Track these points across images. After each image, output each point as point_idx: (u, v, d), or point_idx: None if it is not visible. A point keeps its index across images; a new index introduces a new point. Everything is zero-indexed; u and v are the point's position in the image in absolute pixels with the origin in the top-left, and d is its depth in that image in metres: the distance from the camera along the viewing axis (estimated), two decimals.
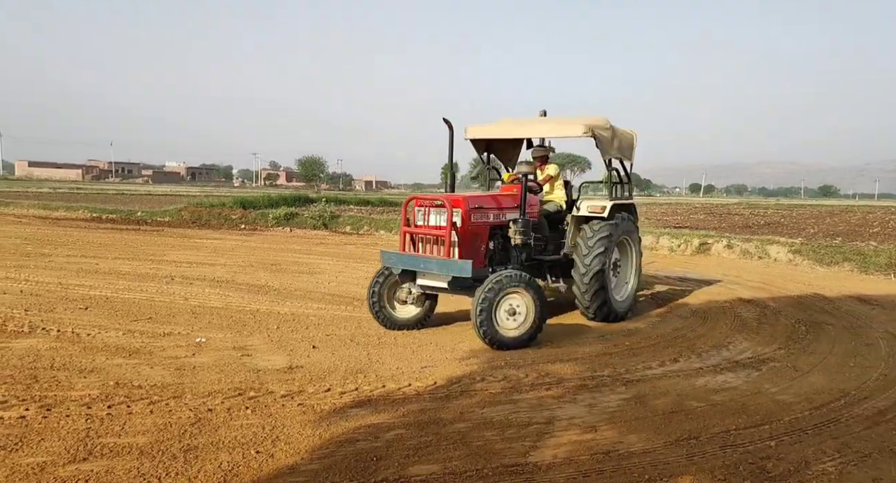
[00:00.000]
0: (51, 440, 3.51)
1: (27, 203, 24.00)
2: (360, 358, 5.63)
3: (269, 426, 3.91)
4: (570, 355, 5.95)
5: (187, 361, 5.26)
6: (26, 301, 7.25)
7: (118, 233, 16.67)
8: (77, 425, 3.75)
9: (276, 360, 5.42)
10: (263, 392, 4.55)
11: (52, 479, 3.05)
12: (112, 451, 3.42)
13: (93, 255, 11.66)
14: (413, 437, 3.84)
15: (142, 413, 4.02)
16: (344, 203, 30.15)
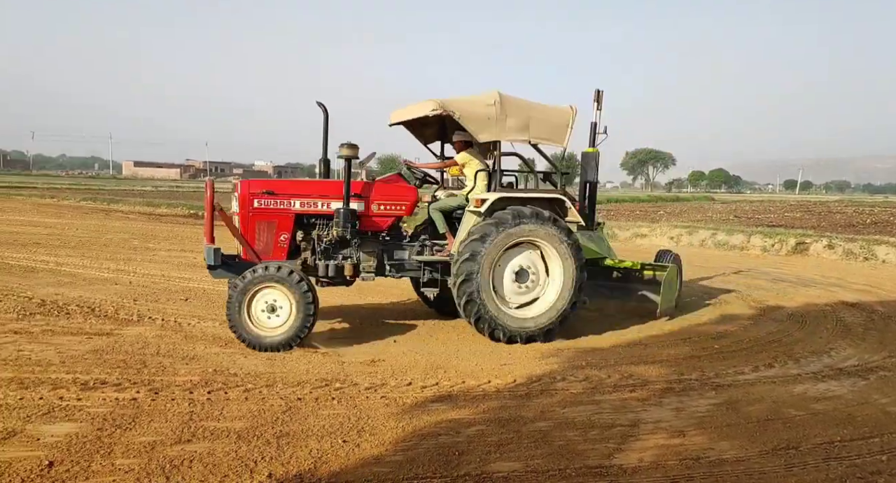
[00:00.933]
0: (159, 421, 3.78)
1: (133, 200, 25.93)
2: (439, 353, 5.70)
3: (354, 417, 4.04)
4: (655, 357, 5.76)
5: (277, 352, 5.51)
6: (135, 292, 7.84)
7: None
8: (181, 408, 4.02)
9: (359, 354, 5.59)
10: (348, 383, 4.70)
11: (161, 458, 3.29)
12: (213, 434, 3.65)
13: (191, 249, 12.42)
14: (494, 433, 3.85)
15: (238, 399, 4.26)
16: None
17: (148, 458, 3.27)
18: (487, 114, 6.13)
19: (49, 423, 3.66)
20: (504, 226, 6.05)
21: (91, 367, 4.74)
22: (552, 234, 6.20)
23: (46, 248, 11.23)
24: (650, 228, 17.97)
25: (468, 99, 6.27)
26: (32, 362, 4.78)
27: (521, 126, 6.28)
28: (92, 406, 3.97)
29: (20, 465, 3.11)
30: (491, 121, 6.14)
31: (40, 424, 3.63)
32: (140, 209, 23.47)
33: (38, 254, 10.52)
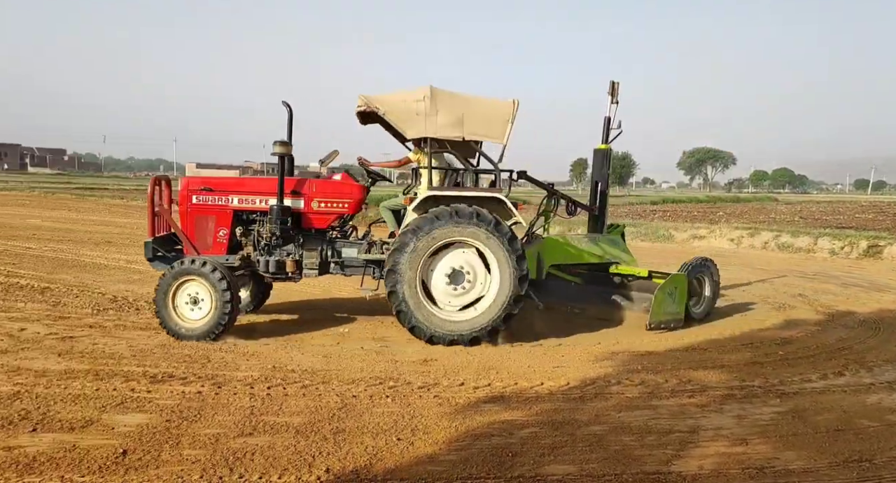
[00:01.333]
0: (223, 414, 3.93)
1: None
2: (491, 354, 5.69)
3: (408, 415, 4.08)
4: (715, 362, 5.59)
5: (333, 349, 5.64)
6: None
7: None
8: (243, 403, 4.17)
9: (412, 352, 5.65)
10: (402, 382, 4.76)
11: (225, 450, 3.42)
12: (273, 428, 3.77)
13: None
14: (547, 436, 3.82)
15: (296, 395, 4.38)
16: None
17: (213, 450, 3.40)
18: (416, 109, 5.97)
19: (122, 414, 3.86)
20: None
21: (159, 361, 4.96)
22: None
23: (117, 247, 11.82)
24: (709, 230, 17.42)
25: (398, 95, 6.13)
26: (106, 355, 5.05)
27: (453, 122, 6.02)
28: (161, 398, 4.16)
29: (97, 452, 3.29)
30: (420, 117, 5.98)
31: (114, 414, 3.84)
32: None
33: (109, 252, 11.09)
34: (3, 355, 4.89)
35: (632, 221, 20.80)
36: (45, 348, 5.16)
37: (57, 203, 23.87)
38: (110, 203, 25.54)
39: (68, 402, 3.98)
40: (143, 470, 3.13)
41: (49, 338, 5.48)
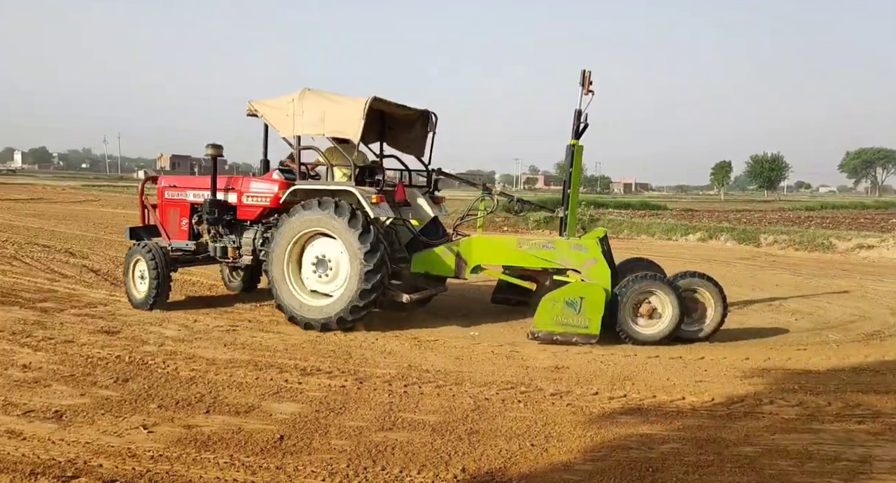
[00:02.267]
0: (364, 409, 4.17)
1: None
2: (625, 364, 5.50)
3: (540, 421, 4.06)
4: (890, 386, 4.96)
5: (465, 352, 5.75)
6: None
7: None
8: (382, 398, 4.39)
9: (543, 359, 5.60)
10: (533, 388, 4.75)
11: (368, 442, 3.62)
12: (410, 425, 3.93)
13: None
14: (691, 453, 3.62)
15: (431, 394, 4.52)
16: (602, 206, 29.73)
17: (357, 442, 3.62)
18: (287, 111, 6.47)
19: (278, 402, 4.22)
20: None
21: (308, 355, 5.37)
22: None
23: None
24: (880, 239, 15.48)
25: (277, 99, 6.65)
26: (263, 348, 5.55)
27: (316, 120, 6.42)
28: (310, 390, 4.50)
29: (259, 435, 3.64)
30: (289, 117, 6.47)
31: (272, 402, 4.21)
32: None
33: None
34: (181, 344, 5.56)
35: (784, 228, 19.05)
36: (214, 339, 5.78)
37: None
38: None
39: (233, 389, 4.43)
40: (298, 455, 3.41)
41: (216, 329, 6.13)
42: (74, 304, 6.95)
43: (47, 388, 4.28)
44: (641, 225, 20.24)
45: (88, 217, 18.99)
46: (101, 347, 5.29)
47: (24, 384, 4.32)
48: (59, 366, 4.76)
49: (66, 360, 4.92)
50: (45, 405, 3.95)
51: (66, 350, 5.17)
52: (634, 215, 25.15)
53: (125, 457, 3.28)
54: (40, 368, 4.68)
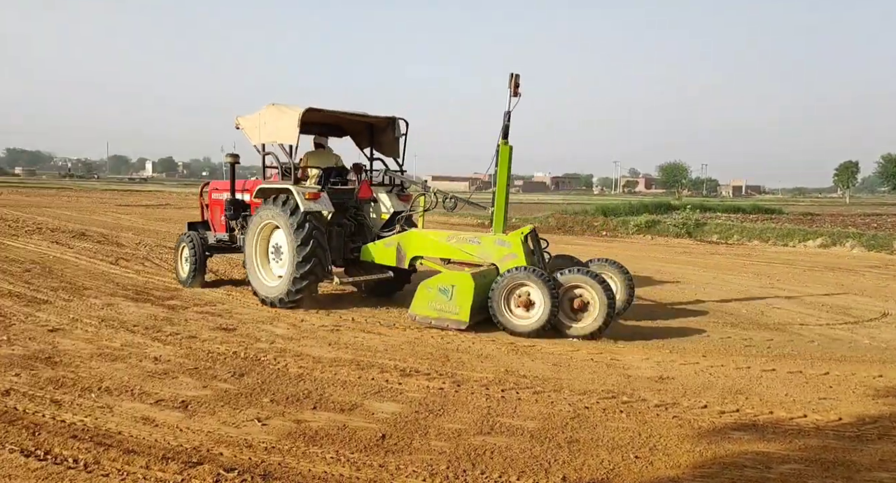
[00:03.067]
0: (462, 411, 4.20)
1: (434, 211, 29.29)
2: (737, 377, 5.17)
3: (644, 433, 3.91)
4: None
5: (563, 359, 5.65)
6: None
7: None
8: (480, 402, 4.40)
9: (646, 369, 5.39)
10: (636, 398, 4.57)
11: (467, 445, 3.65)
12: (508, 430, 3.91)
13: None
14: (815, 475, 3.34)
15: (528, 400, 4.48)
16: (710, 210, 28.16)
17: (456, 444, 3.65)
18: (255, 123, 7.73)
19: (379, 401, 4.35)
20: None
21: (407, 357, 5.49)
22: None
23: None
24: None
25: (252, 114, 7.86)
26: (365, 348, 5.75)
27: (272, 130, 7.52)
28: (409, 390, 4.60)
29: (362, 433, 3.77)
30: (256, 128, 7.72)
31: (373, 401, 4.35)
32: (436, 218, 26.38)
33: None
34: (290, 342, 5.87)
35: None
36: (319, 338, 6.05)
37: None
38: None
39: (338, 387, 4.62)
40: (399, 454, 3.49)
41: (321, 329, 6.42)
42: (197, 302, 7.53)
43: (174, 379, 4.67)
44: (753, 230, 19.02)
45: None
46: (220, 343, 5.70)
47: (155, 375, 4.73)
48: (184, 359, 5.17)
49: (190, 354, 5.34)
50: (172, 395, 4.31)
51: (190, 345, 5.61)
52: (745, 219, 23.60)
53: (242, 447, 3.50)
54: (168, 361, 5.11)
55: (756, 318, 7.80)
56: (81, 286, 8.14)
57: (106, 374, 4.70)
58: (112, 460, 3.26)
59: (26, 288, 7.83)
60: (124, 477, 3.10)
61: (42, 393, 4.23)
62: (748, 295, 9.56)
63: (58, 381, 4.47)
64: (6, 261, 9.83)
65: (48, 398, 4.14)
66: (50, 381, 4.48)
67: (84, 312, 6.68)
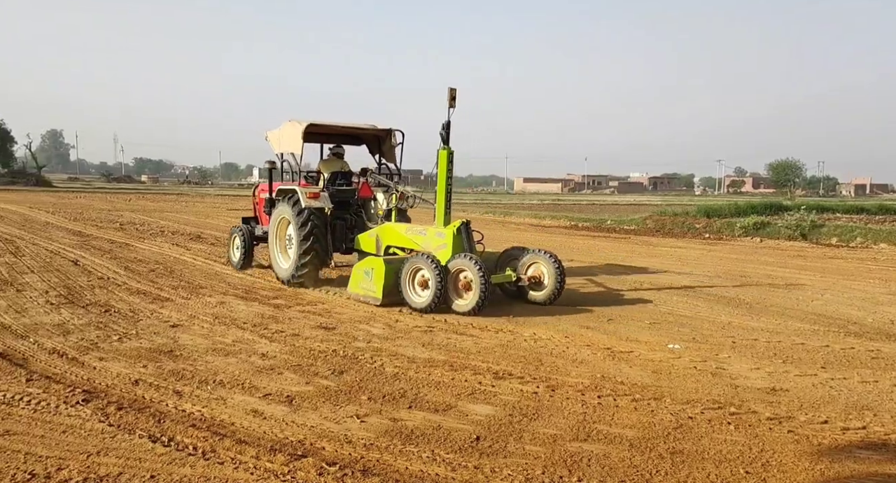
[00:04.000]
0: (558, 417, 4.13)
1: (522, 213, 29.16)
2: (862, 391, 4.74)
3: (755, 447, 3.67)
4: None
5: (663, 366, 5.41)
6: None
7: (591, 239, 18.52)
8: (575, 408, 4.31)
9: (755, 379, 5.06)
10: (745, 410, 4.30)
11: (562, 451, 3.58)
12: (605, 437, 3.80)
13: (569, 258, 13.25)
14: None
15: (626, 408, 4.33)
16: (828, 210, 25.95)
17: (551, 449, 3.60)
18: (277, 136, 9.49)
19: (473, 403, 4.37)
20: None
21: (499, 359, 5.48)
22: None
23: None
24: None
25: (277, 129, 9.54)
26: (457, 349, 5.80)
27: (287, 141, 9.27)
28: (503, 393, 4.59)
29: (457, 434, 3.80)
30: (277, 140, 9.51)
31: (467, 403, 4.37)
32: (528, 221, 26.18)
33: None
34: (385, 341, 6.03)
35: None
36: (413, 338, 6.17)
37: (414, 216, 28.48)
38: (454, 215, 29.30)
39: (432, 387, 4.69)
40: (493, 456, 3.49)
41: (415, 330, 6.54)
42: (299, 301, 7.92)
43: (280, 375, 4.93)
44: (880, 232, 17.36)
45: None
46: (320, 341, 5.95)
47: (262, 370, 5.02)
48: (288, 356, 5.45)
49: (294, 351, 5.62)
50: (278, 390, 4.55)
51: (294, 342, 5.91)
52: (870, 221, 21.55)
53: (343, 442, 3.64)
54: (274, 357, 5.40)
55: (885, 328, 7.11)
56: (198, 285, 8.79)
57: (220, 367, 5.04)
58: (226, 449, 3.50)
59: (151, 286, 8.57)
60: (237, 466, 3.30)
61: (165, 383, 4.61)
62: (874, 302, 8.73)
63: (178, 373, 4.85)
64: (135, 261, 10.81)
65: (171, 389, 4.50)
66: (172, 372, 4.87)
67: (200, 310, 7.21)
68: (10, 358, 5.11)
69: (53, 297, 7.63)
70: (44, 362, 5.04)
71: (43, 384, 4.49)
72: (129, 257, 11.33)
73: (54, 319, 6.50)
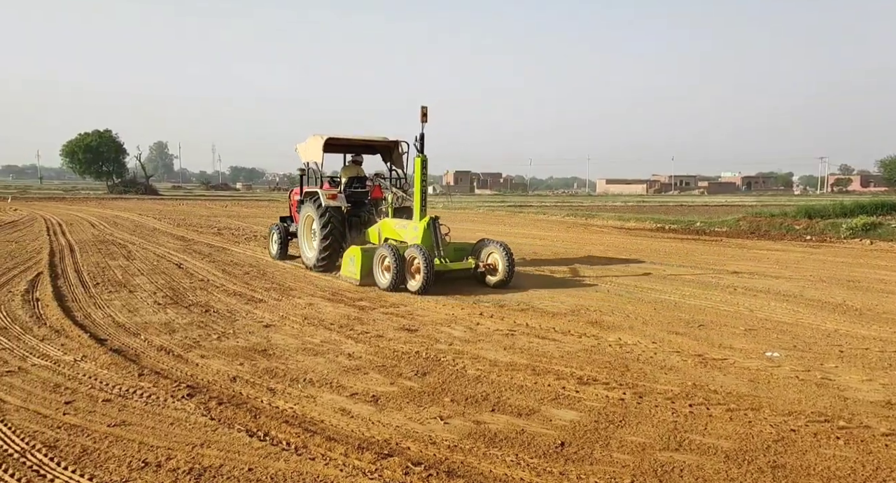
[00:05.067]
0: (646, 425, 3.99)
1: (605, 215, 28.41)
2: None
3: (870, 465, 3.38)
4: None
5: (761, 375, 5.11)
6: (612, 299, 8.51)
7: (679, 242, 17.76)
8: (665, 416, 4.14)
9: (868, 391, 4.67)
10: (857, 424, 3.98)
11: (652, 460, 3.45)
12: (699, 448, 3.63)
13: (659, 261, 12.77)
14: None
15: (721, 418, 4.12)
16: None
17: (640, 458, 3.48)
18: (303, 148, 11.47)
19: (556, 408, 4.30)
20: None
21: (583, 365, 5.36)
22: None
23: (542, 257, 13.34)
24: None
25: (304, 142, 11.53)
26: (540, 353, 5.73)
27: (310, 152, 11.20)
28: (587, 399, 4.49)
29: (541, 439, 3.75)
30: (304, 151, 11.44)
31: (550, 407, 4.31)
32: (612, 223, 25.47)
33: (540, 264, 12.60)
34: (466, 344, 6.06)
35: None
36: (495, 342, 6.16)
37: (496, 218, 28.50)
38: (534, 218, 29.07)
39: (514, 391, 4.66)
40: (579, 463, 3.42)
41: (496, 333, 6.53)
42: (382, 303, 8.11)
43: (366, 375, 5.06)
44: None
45: None
46: (403, 343, 6.06)
47: (349, 370, 5.18)
48: (373, 356, 5.59)
49: (378, 352, 5.75)
50: (364, 389, 4.68)
51: (378, 343, 6.05)
52: None
53: (427, 443, 3.69)
54: (360, 358, 5.56)
55: None
56: (288, 287, 9.20)
57: (309, 366, 5.25)
58: (317, 446, 3.63)
59: (246, 288, 9.06)
60: (328, 462, 3.43)
61: (260, 381, 4.85)
62: None
63: (272, 371, 5.09)
64: (231, 264, 11.47)
65: (265, 386, 4.74)
66: (265, 370, 5.13)
67: (290, 311, 7.54)
68: (124, 354, 5.55)
69: (160, 297, 8.23)
70: (153, 358, 5.44)
71: (153, 379, 4.85)
72: (226, 260, 12.03)
73: (161, 318, 7.01)
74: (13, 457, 3.46)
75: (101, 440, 3.69)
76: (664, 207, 40.87)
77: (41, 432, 3.79)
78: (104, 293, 8.46)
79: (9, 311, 7.17)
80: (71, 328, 6.39)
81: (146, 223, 21.82)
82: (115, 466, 3.35)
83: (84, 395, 4.46)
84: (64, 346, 5.78)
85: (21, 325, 6.56)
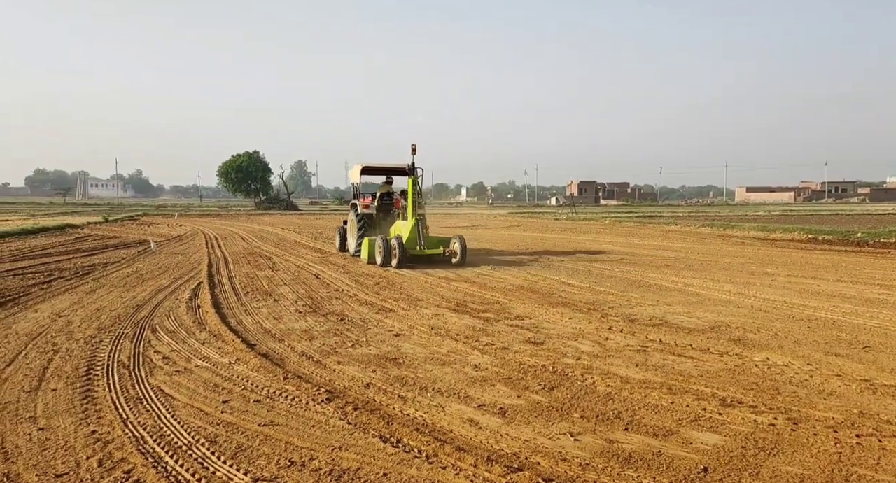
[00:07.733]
0: (803, 454, 3.61)
1: (746, 225, 26.28)
2: None
3: None
4: None
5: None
6: (757, 316, 7.85)
7: (836, 254, 16.01)
8: (825, 446, 3.73)
9: None
10: None
11: None
12: None
13: (812, 275, 11.58)
14: None
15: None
16: None
17: None
18: (352, 171, 16.79)
19: (697, 430, 4.03)
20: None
21: (726, 385, 4.98)
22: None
23: (675, 270, 12.62)
24: None
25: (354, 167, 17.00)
26: (676, 372, 5.40)
27: (354, 175, 16.49)
28: (732, 423, 4.15)
29: (680, 462, 3.53)
30: (352, 174, 16.68)
31: (690, 430, 4.04)
32: (754, 234, 23.52)
33: (668, 274, 11.94)
34: (595, 359, 5.87)
35: None
36: (626, 358, 5.91)
37: (623, 230, 27.43)
38: (666, 229, 27.59)
39: (649, 410, 4.43)
40: None
41: (627, 349, 6.26)
42: (507, 315, 8.10)
43: (492, 387, 5.07)
44: None
45: (513, 240, 22.00)
46: (529, 356, 6.00)
47: (476, 381, 5.22)
48: (499, 368, 5.59)
49: (504, 364, 5.74)
50: (492, 401, 4.68)
51: (504, 355, 6.04)
52: None
53: (557, 459, 3.60)
54: (486, 369, 5.58)
55: None
56: (415, 298, 9.48)
57: (437, 376, 5.36)
58: (447, 455, 3.69)
59: (376, 298, 9.47)
60: (458, 472, 3.46)
61: (391, 388, 5.03)
62: None
63: (402, 380, 5.26)
64: (362, 275, 12.07)
65: (396, 393, 4.90)
66: (396, 378, 5.31)
67: (418, 321, 7.76)
68: (271, 358, 6.02)
69: (301, 306, 8.84)
70: (296, 363, 5.84)
71: (296, 383, 5.21)
72: (358, 271, 12.67)
73: (302, 326, 7.51)
74: (182, 449, 3.87)
75: (254, 438, 4.01)
76: (816, 217, 37.10)
77: (203, 428, 4.20)
78: (253, 301, 9.25)
79: (177, 317, 8.06)
80: (226, 333, 7.05)
81: (288, 237, 23.60)
82: (266, 463, 3.63)
83: (238, 396, 4.89)
84: (220, 349, 6.38)
85: (186, 329, 7.35)
